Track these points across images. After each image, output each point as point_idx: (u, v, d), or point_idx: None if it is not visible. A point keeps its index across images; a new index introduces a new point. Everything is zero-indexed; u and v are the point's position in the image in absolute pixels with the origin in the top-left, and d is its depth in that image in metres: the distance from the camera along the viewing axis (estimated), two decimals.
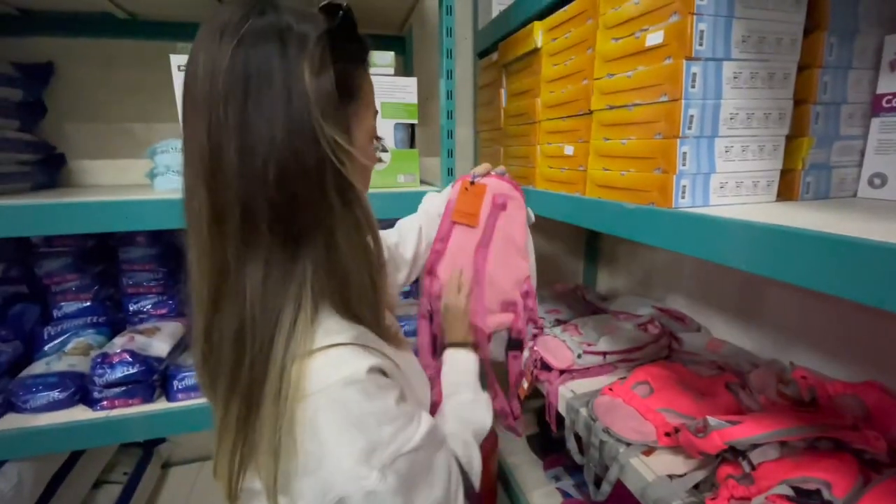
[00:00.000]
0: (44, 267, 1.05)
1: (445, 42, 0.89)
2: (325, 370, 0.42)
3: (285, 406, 0.40)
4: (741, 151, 0.64)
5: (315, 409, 0.40)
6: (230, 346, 0.42)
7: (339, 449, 0.41)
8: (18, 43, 1.10)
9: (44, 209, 0.79)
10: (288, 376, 0.41)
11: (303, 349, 0.42)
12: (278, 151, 0.39)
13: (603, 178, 0.77)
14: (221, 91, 0.38)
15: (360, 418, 0.42)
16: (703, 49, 0.58)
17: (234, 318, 0.42)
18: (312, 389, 0.41)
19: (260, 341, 0.41)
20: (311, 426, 0.40)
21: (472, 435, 0.63)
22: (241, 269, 0.41)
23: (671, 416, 0.79)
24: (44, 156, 1.12)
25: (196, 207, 0.41)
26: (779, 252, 0.46)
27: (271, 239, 0.41)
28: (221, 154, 0.39)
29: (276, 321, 0.41)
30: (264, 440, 0.41)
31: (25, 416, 0.91)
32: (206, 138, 0.39)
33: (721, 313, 1.15)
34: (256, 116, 0.38)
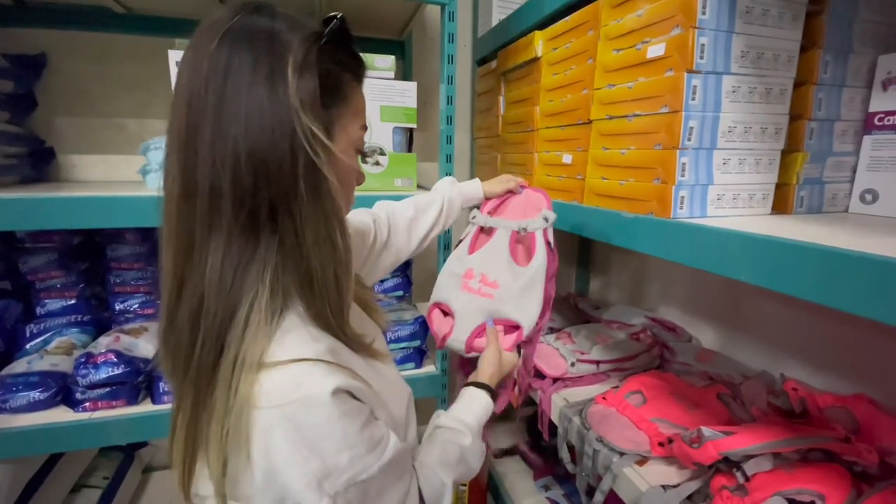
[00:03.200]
0: (28, 263, 1.02)
1: (447, 48, 0.89)
2: (287, 387, 0.40)
3: (235, 403, 0.39)
4: (738, 164, 0.64)
5: (270, 424, 0.39)
6: (187, 327, 0.40)
7: (290, 469, 0.39)
8: (11, 33, 1.08)
9: (30, 203, 0.77)
10: (240, 372, 0.39)
11: (260, 349, 0.40)
12: (252, 133, 0.38)
13: (601, 187, 0.77)
14: (204, 72, 0.38)
15: (317, 442, 0.40)
16: (704, 62, 0.58)
17: (195, 299, 0.40)
18: (271, 403, 0.39)
19: (216, 325, 0.40)
20: (265, 440, 0.39)
21: (454, 477, 0.61)
22: (205, 249, 0.40)
23: (664, 426, 0.79)
24: (33, 149, 1.09)
25: (169, 184, 0.40)
26: (774, 263, 0.46)
27: (234, 220, 0.40)
28: (197, 132, 0.38)
29: (233, 306, 0.40)
30: (213, 437, 0.39)
31: (4, 417, 0.87)
32: (185, 117, 0.39)
33: (712, 324, 1.16)
34: (234, 99, 0.38)
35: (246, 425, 0.38)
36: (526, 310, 0.77)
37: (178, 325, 0.41)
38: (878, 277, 0.38)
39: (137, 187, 0.94)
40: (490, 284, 0.81)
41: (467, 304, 0.80)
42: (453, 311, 0.81)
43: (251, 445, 0.39)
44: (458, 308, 0.81)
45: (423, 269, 1.47)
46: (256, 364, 0.39)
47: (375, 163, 0.99)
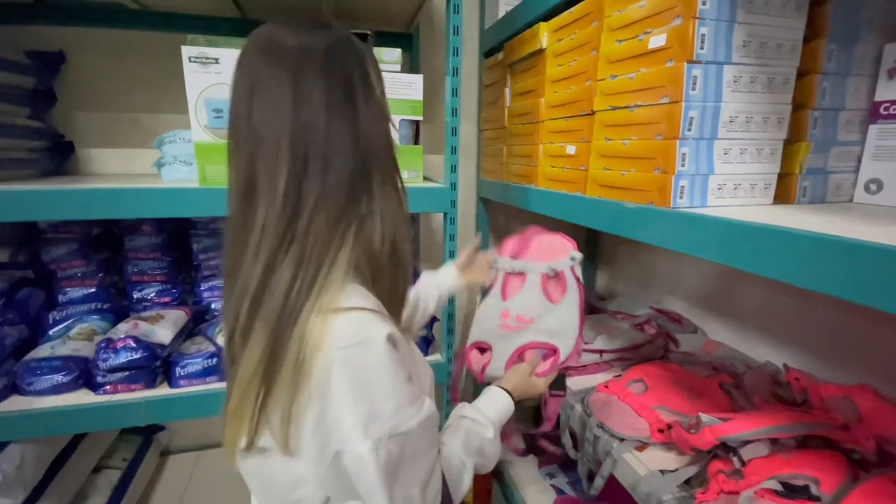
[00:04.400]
0: (50, 253, 1.06)
1: (452, 40, 0.90)
2: (349, 329, 0.45)
3: (306, 345, 0.43)
4: (739, 154, 0.65)
5: (330, 364, 0.43)
6: (289, 274, 0.45)
7: (341, 410, 0.44)
8: (30, 31, 1.11)
9: (52, 195, 0.80)
10: (312, 324, 0.44)
11: (329, 303, 0.45)
12: (358, 127, 0.48)
13: (604, 178, 0.78)
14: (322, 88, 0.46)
15: (368, 386, 0.45)
16: (705, 52, 0.59)
17: (298, 249, 0.45)
18: (335, 345, 0.44)
19: (310, 272, 0.45)
20: (324, 380, 0.44)
21: (475, 465, 0.64)
22: (310, 210, 0.46)
23: (665, 413, 0.80)
24: (52, 143, 1.13)
25: (275, 163, 0.45)
26: (767, 250, 0.47)
27: (339, 190, 0.47)
28: (309, 127, 0.45)
29: (323, 257, 0.46)
30: (283, 381, 0.44)
31: (29, 399, 0.92)
32: (300, 117, 0.45)
33: (718, 316, 1.16)
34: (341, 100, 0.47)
35: (311, 366, 0.43)
36: (563, 337, 0.84)
37: (277, 275, 0.45)
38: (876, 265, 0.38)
39: (153, 180, 0.97)
40: (526, 321, 0.86)
41: (505, 339, 0.86)
42: (491, 346, 0.86)
43: (312, 385, 0.44)
44: (496, 342, 0.86)
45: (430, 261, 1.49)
46: (326, 309, 0.45)
47: None
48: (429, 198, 0.98)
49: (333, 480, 0.48)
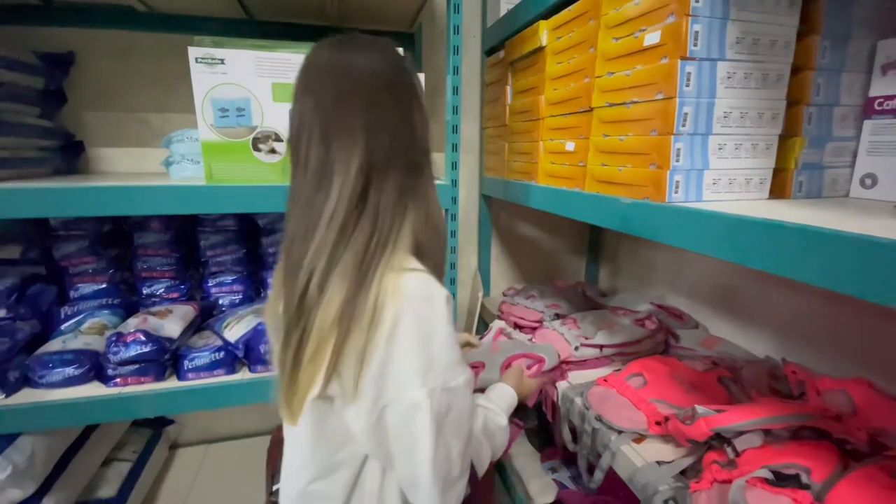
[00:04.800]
0: (61, 250, 1.09)
1: (452, 39, 0.92)
2: (416, 284, 0.53)
3: (381, 294, 0.50)
4: (734, 149, 0.66)
5: (400, 312, 0.50)
6: (366, 233, 0.53)
7: (404, 356, 0.50)
8: (40, 32, 1.14)
9: (63, 192, 0.82)
10: (387, 279, 0.51)
11: (400, 263, 0.53)
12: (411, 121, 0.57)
13: (602, 174, 0.79)
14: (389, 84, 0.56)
15: (429, 338, 0.52)
16: (698, 49, 0.60)
17: (372, 212, 0.54)
18: (406, 295, 0.51)
19: (384, 234, 0.54)
20: (392, 326, 0.50)
21: (490, 445, 0.69)
22: (385, 184, 0.55)
23: (663, 406, 0.81)
24: (63, 143, 1.16)
25: (350, 155, 0.53)
26: (759, 244, 0.48)
27: (406, 171, 0.56)
28: (382, 125, 0.54)
29: (392, 223, 0.55)
30: (360, 325, 0.50)
31: (41, 391, 0.94)
32: (366, 115, 0.54)
33: (719, 312, 1.17)
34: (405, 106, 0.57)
35: (383, 313, 0.50)
36: (546, 352, 0.97)
37: (353, 237, 0.53)
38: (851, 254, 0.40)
39: (162, 178, 1.00)
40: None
41: (496, 355, 0.98)
42: (484, 363, 0.96)
43: (382, 331, 0.50)
44: (489, 358, 0.97)
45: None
46: (398, 268, 0.53)
47: None
48: None
49: (374, 436, 0.53)
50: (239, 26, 1.20)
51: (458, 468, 0.55)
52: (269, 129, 0.87)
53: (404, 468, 0.55)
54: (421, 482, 0.53)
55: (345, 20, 1.22)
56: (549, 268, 1.66)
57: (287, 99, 0.87)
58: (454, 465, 0.55)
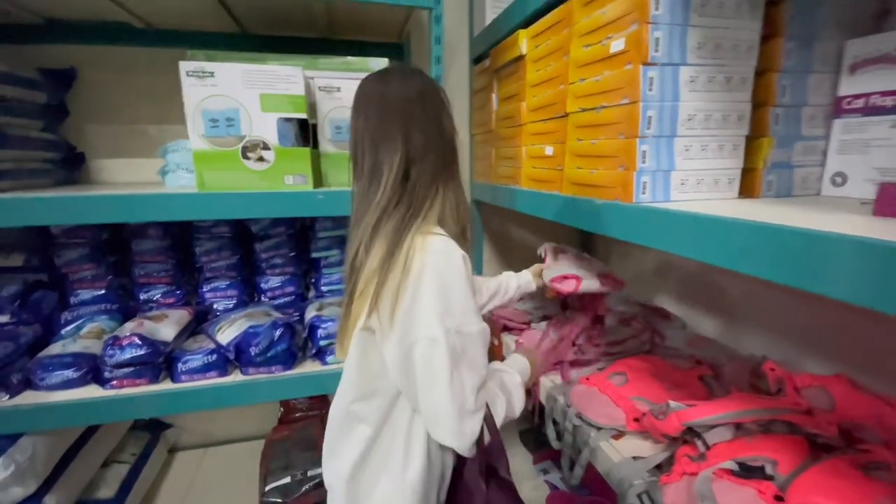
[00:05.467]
0: (62, 257, 1.13)
1: (434, 49, 0.95)
2: (439, 243, 0.65)
3: (412, 249, 0.64)
4: (700, 150, 0.68)
5: (424, 265, 0.63)
6: (406, 202, 0.68)
7: (426, 301, 0.62)
8: (43, 50, 1.19)
9: (63, 201, 0.86)
10: (415, 238, 0.65)
11: (427, 229, 0.67)
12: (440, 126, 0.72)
13: (577, 177, 0.81)
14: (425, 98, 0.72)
15: (447, 289, 0.63)
16: (659, 55, 0.62)
17: (410, 188, 0.68)
18: (429, 250, 0.64)
19: (418, 202, 0.68)
20: (418, 277, 0.62)
21: (505, 398, 0.77)
22: (413, 180, 0.69)
23: (642, 403, 0.82)
24: (65, 154, 1.20)
25: (393, 158, 0.68)
26: (716, 240, 0.50)
27: (441, 164, 0.71)
28: (416, 133, 0.69)
29: (426, 196, 0.69)
30: (395, 273, 0.63)
31: (42, 393, 0.98)
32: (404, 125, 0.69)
33: (708, 312, 1.18)
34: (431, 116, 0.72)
35: (412, 263, 0.63)
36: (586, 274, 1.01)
37: (394, 213, 0.67)
38: (797, 248, 0.41)
39: (159, 187, 1.03)
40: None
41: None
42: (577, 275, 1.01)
43: (411, 277, 0.62)
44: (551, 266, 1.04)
45: None
46: (425, 231, 0.66)
47: None
48: None
49: (402, 370, 0.64)
50: (232, 40, 1.24)
51: (472, 403, 0.65)
52: (257, 137, 0.91)
53: (427, 402, 0.65)
54: (440, 411, 0.63)
55: (334, 32, 1.26)
56: None
57: (274, 109, 0.91)
58: (468, 398, 0.64)
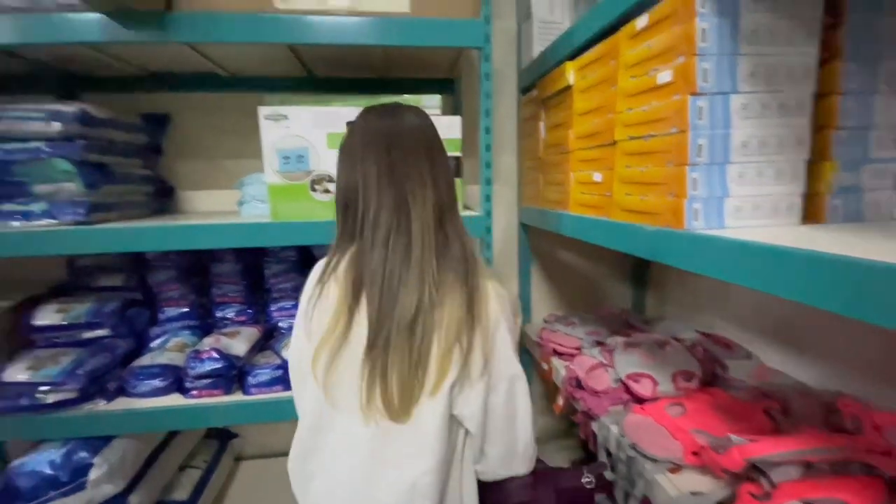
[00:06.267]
0: (154, 278, 1.28)
1: (484, 86, 1.00)
2: (499, 286, 0.70)
3: (485, 295, 0.67)
4: (757, 176, 0.67)
5: (497, 309, 0.68)
6: (458, 253, 0.68)
7: (505, 343, 0.68)
8: (145, 97, 1.38)
9: (157, 231, 0.99)
10: (485, 286, 0.68)
11: (484, 272, 0.70)
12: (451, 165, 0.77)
13: (627, 203, 0.82)
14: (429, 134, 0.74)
15: (512, 324, 0.71)
16: (708, 85, 0.63)
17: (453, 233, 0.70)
18: (496, 294, 0.69)
19: (470, 252, 0.70)
20: (496, 321, 0.68)
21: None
22: (451, 223, 0.71)
23: (701, 436, 0.79)
24: (158, 188, 1.37)
25: (424, 196, 0.68)
26: (773, 269, 0.50)
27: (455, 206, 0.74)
28: (441, 170, 0.72)
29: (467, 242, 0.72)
30: (481, 328, 0.65)
31: (132, 400, 1.10)
32: (430, 160, 0.71)
33: (773, 341, 1.11)
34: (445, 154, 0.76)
35: (490, 312, 0.67)
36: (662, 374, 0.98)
37: (449, 248, 0.68)
38: (855, 279, 0.40)
39: (236, 216, 1.15)
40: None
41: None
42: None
43: (490, 324, 0.67)
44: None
45: None
46: (487, 275, 0.70)
47: None
48: (467, 225, 1.07)
49: (481, 414, 0.66)
50: (301, 83, 1.38)
51: (534, 426, 0.73)
52: (323, 172, 1.00)
53: (505, 438, 0.68)
54: (521, 442, 0.69)
55: (391, 71, 1.36)
56: (593, 295, 1.65)
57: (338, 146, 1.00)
58: (534, 423, 0.72)
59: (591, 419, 0.99)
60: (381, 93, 1.14)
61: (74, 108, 1.03)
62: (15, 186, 1.02)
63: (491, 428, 0.66)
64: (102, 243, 0.99)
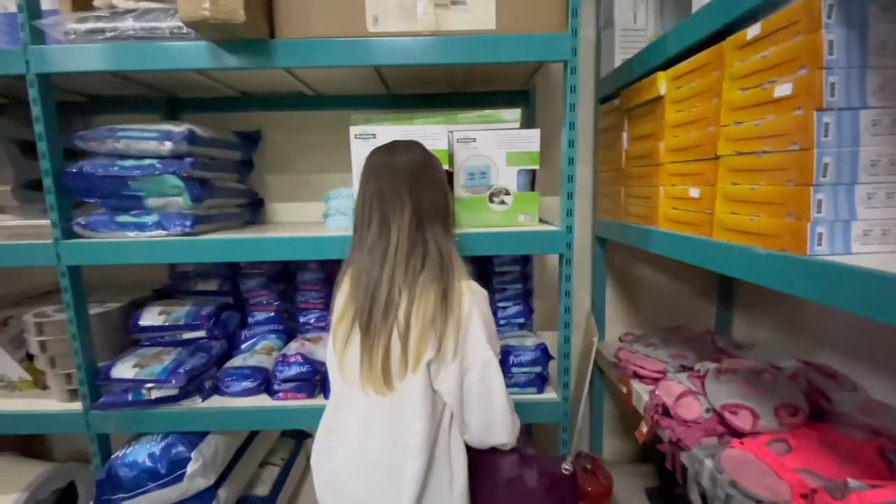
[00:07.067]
0: (245, 284, 1.37)
1: (569, 98, 0.99)
2: (474, 286, 0.81)
3: (461, 293, 0.78)
4: (887, 198, 0.61)
5: (471, 304, 0.78)
6: (437, 256, 0.80)
7: (477, 332, 0.78)
8: (238, 116, 1.49)
9: (250, 242, 1.07)
10: (459, 284, 0.79)
11: (461, 274, 0.81)
12: (443, 188, 0.87)
13: (731, 222, 0.77)
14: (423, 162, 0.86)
15: (488, 320, 0.81)
16: (835, 100, 0.58)
17: (434, 246, 0.81)
18: (472, 291, 0.80)
19: (448, 261, 0.81)
20: (468, 313, 0.78)
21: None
22: (431, 234, 0.82)
23: (810, 477, 0.73)
24: (251, 200, 1.48)
25: (402, 211, 0.80)
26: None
27: (445, 218, 0.86)
28: (422, 192, 0.82)
29: (451, 250, 0.83)
30: (452, 317, 0.76)
31: (225, 399, 1.18)
32: (414, 182, 0.82)
33: (882, 373, 1.00)
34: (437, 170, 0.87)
35: (463, 304, 0.78)
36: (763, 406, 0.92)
37: (427, 250, 0.80)
38: None
39: (320, 227, 1.21)
40: None
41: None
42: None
43: (464, 316, 0.78)
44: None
45: (546, 299, 1.53)
46: (464, 277, 0.81)
47: (501, 202, 1.12)
48: (545, 240, 1.05)
49: (458, 392, 0.77)
50: (382, 100, 1.44)
51: (511, 401, 0.82)
52: None
53: (483, 414, 0.79)
54: (498, 417, 0.79)
55: (469, 85, 1.38)
56: (672, 313, 1.56)
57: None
58: (510, 400, 0.81)
59: (679, 450, 0.94)
60: (458, 107, 1.16)
61: (183, 128, 1.13)
62: (131, 200, 1.13)
63: (470, 403, 0.78)
64: (207, 253, 1.08)
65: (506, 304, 1.33)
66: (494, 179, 1.11)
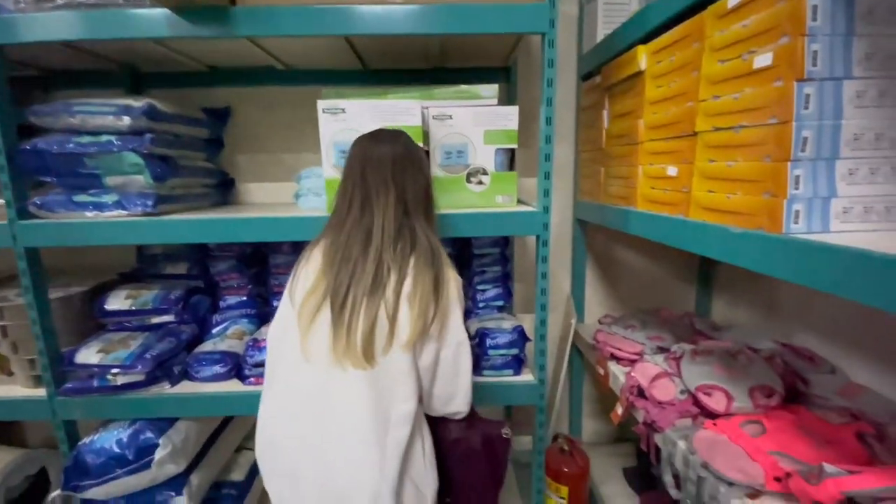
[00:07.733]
0: (216, 267, 1.32)
1: (547, 72, 0.95)
2: (454, 271, 0.83)
3: (441, 271, 0.80)
4: (869, 174, 0.59)
5: (454, 288, 0.81)
6: (426, 238, 0.81)
7: (456, 315, 0.81)
8: (206, 92, 1.42)
9: (220, 223, 1.02)
10: (447, 269, 0.81)
11: (447, 260, 0.83)
12: (425, 171, 0.88)
13: (708, 201, 0.75)
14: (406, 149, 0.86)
15: (461, 302, 0.84)
16: (818, 69, 0.55)
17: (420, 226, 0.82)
18: (454, 277, 0.82)
19: (438, 249, 0.82)
20: (453, 297, 0.81)
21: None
22: (417, 218, 0.83)
23: (784, 460, 0.72)
24: (220, 180, 1.42)
25: (387, 197, 0.81)
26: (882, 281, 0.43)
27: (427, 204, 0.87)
28: (406, 180, 0.83)
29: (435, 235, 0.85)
30: (444, 299, 0.79)
31: (196, 384, 1.15)
32: (395, 167, 0.82)
33: (862, 356, 1.00)
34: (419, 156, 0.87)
35: (451, 290, 0.80)
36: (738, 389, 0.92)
37: (414, 235, 0.81)
38: None
39: (292, 208, 1.17)
40: None
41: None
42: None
43: (448, 297, 0.80)
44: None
45: (527, 282, 1.51)
46: (449, 263, 0.82)
47: (479, 182, 1.08)
48: (522, 221, 1.02)
49: (431, 367, 0.80)
50: (357, 76, 1.38)
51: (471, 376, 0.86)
52: None
53: (447, 387, 0.83)
54: (460, 390, 0.84)
55: (446, 61, 1.32)
56: (652, 295, 1.56)
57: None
58: (471, 375, 0.86)
59: (654, 431, 0.93)
60: (435, 83, 1.10)
61: (142, 103, 1.07)
62: (88, 178, 1.08)
63: (440, 375, 0.82)
64: (172, 234, 1.03)
65: (485, 286, 1.31)
66: (472, 159, 1.07)
